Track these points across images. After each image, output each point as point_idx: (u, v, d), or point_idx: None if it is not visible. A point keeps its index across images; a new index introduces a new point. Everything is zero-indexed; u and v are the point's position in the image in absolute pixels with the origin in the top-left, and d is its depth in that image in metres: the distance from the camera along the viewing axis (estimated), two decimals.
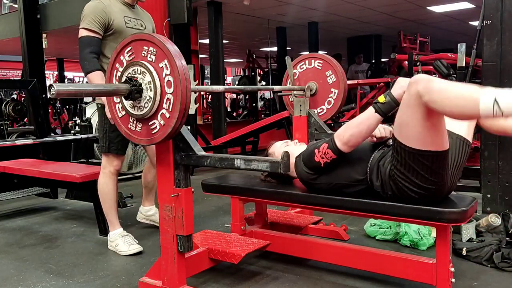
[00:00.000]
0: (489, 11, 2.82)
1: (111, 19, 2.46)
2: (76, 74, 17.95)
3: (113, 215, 2.70)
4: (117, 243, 2.64)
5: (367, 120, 1.81)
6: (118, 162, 2.68)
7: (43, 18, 7.25)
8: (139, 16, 2.68)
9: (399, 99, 1.73)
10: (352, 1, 7.23)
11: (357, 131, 1.82)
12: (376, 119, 1.79)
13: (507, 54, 2.77)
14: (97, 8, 2.44)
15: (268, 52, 10.66)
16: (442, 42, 10.89)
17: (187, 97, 1.68)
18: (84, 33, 2.43)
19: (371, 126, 1.81)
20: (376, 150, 1.95)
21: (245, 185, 2.33)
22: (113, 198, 2.70)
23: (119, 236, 2.66)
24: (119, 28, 2.49)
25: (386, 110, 1.77)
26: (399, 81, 1.78)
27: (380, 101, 1.78)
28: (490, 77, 2.84)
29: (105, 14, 2.45)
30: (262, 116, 9.78)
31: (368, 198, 1.89)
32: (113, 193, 2.69)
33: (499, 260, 2.24)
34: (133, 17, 2.61)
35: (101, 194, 2.71)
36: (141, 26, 2.65)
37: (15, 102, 6.51)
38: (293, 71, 2.89)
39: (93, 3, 2.48)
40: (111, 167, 2.66)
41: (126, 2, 2.57)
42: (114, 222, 2.71)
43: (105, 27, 2.46)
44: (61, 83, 2.18)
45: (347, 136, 1.84)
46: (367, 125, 1.81)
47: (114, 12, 2.49)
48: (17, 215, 3.67)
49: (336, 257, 2.18)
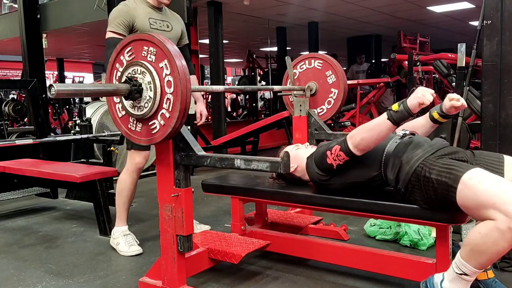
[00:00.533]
0: (489, 11, 2.81)
1: (135, 21, 2.52)
2: (76, 74, 17.96)
3: (122, 211, 2.71)
4: (118, 242, 2.65)
5: (378, 126, 1.80)
6: (140, 159, 2.65)
7: (43, 18, 7.26)
8: (167, 17, 2.71)
9: (413, 110, 1.72)
10: (352, 1, 7.23)
11: (368, 136, 1.81)
12: (388, 126, 1.78)
13: (507, 54, 2.77)
14: (121, 11, 2.52)
15: (268, 52, 10.66)
16: (442, 42, 10.90)
17: (187, 97, 1.68)
18: (110, 35, 2.51)
19: (382, 132, 1.80)
20: (389, 143, 1.90)
21: (245, 185, 2.33)
22: (127, 195, 2.69)
23: (121, 234, 2.67)
24: (143, 30, 2.53)
25: (398, 119, 1.75)
26: (418, 91, 1.75)
27: (394, 109, 1.76)
28: (490, 77, 2.83)
29: (129, 16, 2.51)
30: (262, 116, 9.78)
31: (368, 198, 1.89)
32: (129, 191, 2.68)
33: (499, 260, 2.24)
34: (159, 19, 2.64)
35: (117, 189, 2.72)
36: (167, 27, 2.67)
37: (15, 102, 6.50)
38: (293, 71, 2.89)
39: (119, 7, 2.56)
40: (133, 165, 2.66)
41: (151, 5, 2.62)
42: (122, 218, 2.71)
43: (129, 29, 2.52)
44: (61, 83, 2.18)
45: (358, 139, 1.83)
46: (378, 131, 1.80)
47: (139, 14, 2.54)
48: (17, 215, 3.67)
49: (336, 257, 2.18)
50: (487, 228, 1.56)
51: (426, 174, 1.72)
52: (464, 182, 1.62)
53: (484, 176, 1.63)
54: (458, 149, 1.89)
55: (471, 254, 1.60)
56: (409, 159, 1.80)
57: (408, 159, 1.80)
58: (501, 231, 1.52)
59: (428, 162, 1.75)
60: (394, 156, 1.85)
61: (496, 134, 2.83)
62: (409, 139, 1.91)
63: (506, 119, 2.82)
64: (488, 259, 1.59)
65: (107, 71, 1.92)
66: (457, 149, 1.88)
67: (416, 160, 1.77)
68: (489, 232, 1.55)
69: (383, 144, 1.89)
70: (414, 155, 1.80)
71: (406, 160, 1.81)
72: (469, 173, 1.64)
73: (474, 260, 1.60)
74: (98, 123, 4.88)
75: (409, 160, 1.79)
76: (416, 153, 1.80)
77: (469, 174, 1.63)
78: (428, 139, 1.93)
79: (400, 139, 1.92)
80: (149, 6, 2.60)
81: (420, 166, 1.75)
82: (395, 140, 1.91)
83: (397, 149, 1.87)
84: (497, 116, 2.84)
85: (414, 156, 1.79)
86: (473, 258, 1.60)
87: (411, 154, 1.81)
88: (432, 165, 1.72)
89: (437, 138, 1.99)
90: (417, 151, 1.81)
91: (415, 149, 1.82)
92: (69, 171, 3.05)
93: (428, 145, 1.85)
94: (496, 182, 1.60)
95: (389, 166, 1.85)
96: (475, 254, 1.59)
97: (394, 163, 1.84)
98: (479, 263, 1.59)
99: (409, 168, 1.78)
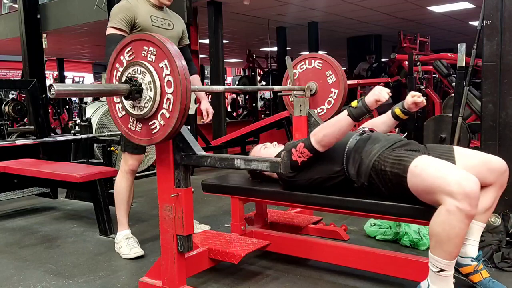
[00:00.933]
0: (489, 11, 2.82)
1: (137, 18, 2.51)
2: (76, 74, 17.95)
3: (122, 214, 2.69)
4: (120, 246, 2.64)
5: (339, 122, 1.90)
6: (133, 162, 2.65)
7: (43, 18, 7.26)
8: (168, 16, 2.71)
9: (370, 106, 1.83)
10: (352, 1, 7.23)
11: (330, 132, 1.90)
12: (348, 122, 1.87)
13: (507, 54, 2.77)
14: (123, 7, 2.50)
15: (268, 52, 10.66)
16: (442, 42, 10.91)
17: (187, 97, 1.68)
18: (111, 31, 2.48)
19: (342, 128, 1.89)
20: (350, 139, 1.99)
21: (245, 185, 2.33)
22: (123, 197, 2.68)
23: (123, 238, 2.66)
24: (145, 27, 2.52)
25: (357, 115, 1.85)
26: (375, 89, 1.86)
27: (353, 106, 1.86)
28: (490, 77, 2.84)
29: (131, 13, 2.50)
30: (262, 116, 9.79)
31: (367, 198, 1.90)
32: (125, 192, 2.67)
33: (499, 260, 2.25)
34: (161, 17, 2.64)
35: (114, 192, 2.72)
36: (168, 25, 2.67)
37: (15, 102, 6.50)
38: (293, 71, 2.89)
39: (120, 3, 2.55)
40: (126, 166, 2.66)
41: (153, 4, 2.62)
42: (122, 222, 2.69)
43: (131, 25, 2.51)
44: (61, 83, 2.17)
45: (320, 136, 1.91)
46: (339, 127, 1.89)
47: (141, 11, 2.54)
48: (17, 215, 3.67)
49: (336, 257, 2.18)
50: (440, 215, 1.61)
51: (382, 168, 1.82)
52: (411, 171, 1.72)
53: (428, 162, 1.71)
54: (411, 141, 1.99)
55: (437, 246, 1.64)
56: (368, 153, 1.89)
57: (367, 153, 1.89)
58: (451, 212, 1.57)
59: (383, 155, 1.84)
60: (354, 152, 1.94)
61: (496, 134, 2.83)
62: (367, 135, 2.01)
63: (506, 119, 2.82)
64: (454, 245, 1.62)
65: (107, 71, 1.92)
66: (410, 141, 1.97)
67: (374, 154, 1.87)
68: (442, 217, 1.60)
69: (345, 141, 1.98)
70: (372, 149, 1.90)
71: (365, 155, 1.90)
72: (415, 161, 1.73)
73: (441, 251, 1.63)
74: (98, 123, 4.88)
75: (368, 155, 1.89)
76: (374, 148, 1.90)
77: (415, 162, 1.72)
78: (385, 135, 2.03)
79: (360, 136, 2.01)
80: (151, 5, 2.60)
81: (377, 160, 1.84)
82: (355, 137, 2.00)
83: (357, 145, 1.96)
84: (497, 116, 2.84)
85: (372, 150, 1.89)
86: (440, 249, 1.64)
87: (369, 149, 1.91)
88: (386, 158, 1.83)
89: (394, 133, 2.07)
90: (374, 145, 1.91)
91: (373, 144, 1.92)
92: (69, 171, 3.05)
93: (385, 139, 1.94)
94: (439, 166, 1.67)
95: (351, 162, 1.94)
96: (440, 244, 1.63)
97: (355, 158, 1.93)
98: (448, 253, 1.62)
99: (368, 161, 1.87)
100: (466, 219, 1.57)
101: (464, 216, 1.56)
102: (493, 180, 1.88)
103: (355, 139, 1.99)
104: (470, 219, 1.59)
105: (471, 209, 1.56)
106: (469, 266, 1.93)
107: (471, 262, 1.93)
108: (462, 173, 1.62)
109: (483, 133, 2.94)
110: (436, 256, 1.65)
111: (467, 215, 1.57)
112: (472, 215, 1.58)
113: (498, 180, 1.88)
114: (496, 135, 2.83)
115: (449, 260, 1.63)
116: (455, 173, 1.61)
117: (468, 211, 1.56)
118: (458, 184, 1.56)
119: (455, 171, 1.63)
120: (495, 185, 1.89)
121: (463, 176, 1.59)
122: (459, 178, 1.58)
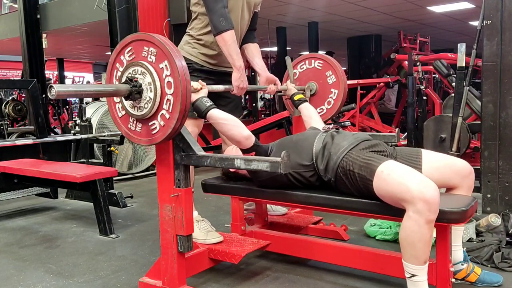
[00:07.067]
0: (489, 11, 2.82)
1: None
2: (76, 74, 17.93)
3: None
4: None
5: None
6: (192, 129, 2.46)
7: (43, 18, 7.25)
8: None
9: (193, 100, 1.96)
10: (352, 1, 7.23)
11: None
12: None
13: (507, 54, 2.78)
14: None
15: (268, 52, 10.66)
16: (442, 42, 10.91)
17: (187, 98, 1.68)
18: None
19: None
20: (317, 136, 2.01)
21: (245, 185, 2.33)
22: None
23: (194, 221, 2.15)
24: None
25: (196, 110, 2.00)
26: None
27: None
28: (490, 77, 2.84)
29: None
30: (262, 116, 9.77)
31: (368, 198, 1.89)
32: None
33: (499, 260, 2.25)
34: None
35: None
36: None
37: (15, 102, 6.50)
38: (293, 71, 2.89)
39: None
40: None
41: None
42: None
43: None
44: (61, 84, 2.18)
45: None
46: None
47: None
48: (17, 215, 3.67)
49: (336, 257, 2.18)
50: (404, 222, 1.65)
51: (350, 168, 1.85)
52: (377, 175, 1.74)
53: (394, 168, 1.73)
54: (379, 142, 2.01)
55: (406, 252, 1.67)
56: (337, 150, 1.92)
57: (336, 150, 1.92)
58: (413, 219, 1.61)
59: (351, 155, 1.87)
60: (323, 148, 1.96)
61: (496, 134, 2.84)
62: (335, 131, 2.04)
63: (506, 119, 2.82)
64: (419, 250, 1.64)
65: (107, 70, 1.92)
66: (378, 142, 2.00)
67: (342, 151, 1.90)
68: (405, 223, 1.65)
69: (312, 138, 2.01)
70: (340, 146, 1.93)
71: (334, 151, 1.93)
72: (381, 166, 1.75)
73: (409, 256, 1.66)
74: (98, 123, 4.88)
75: (337, 151, 1.91)
76: (342, 145, 1.93)
77: (381, 167, 1.74)
78: (353, 133, 2.08)
79: (325, 132, 2.04)
80: None
81: (345, 159, 1.87)
82: (321, 134, 2.03)
83: (325, 141, 1.98)
84: (497, 116, 2.85)
85: (341, 147, 1.92)
86: (410, 255, 1.66)
87: (338, 145, 1.94)
88: (354, 159, 1.85)
89: (360, 132, 2.09)
90: (343, 142, 1.94)
91: (342, 141, 1.95)
92: (69, 171, 3.05)
93: (353, 137, 1.97)
94: (403, 172, 1.70)
95: (319, 157, 1.96)
96: (408, 250, 1.66)
97: (324, 154, 1.95)
98: (416, 258, 1.65)
99: (336, 158, 1.90)
100: (426, 224, 1.61)
101: (424, 221, 1.60)
102: (459, 183, 1.92)
103: (322, 136, 2.02)
104: (431, 224, 1.63)
105: (430, 214, 1.60)
106: (463, 270, 1.99)
107: (462, 266, 1.99)
108: (423, 179, 1.66)
109: (483, 133, 2.94)
110: (405, 261, 1.69)
111: (427, 220, 1.60)
112: (432, 220, 1.62)
113: (464, 183, 1.92)
114: (496, 135, 2.83)
115: (418, 265, 1.66)
116: (416, 180, 1.65)
117: (428, 216, 1.60)
118: (419, 191, 1.61)
119: (416, 178, 1.66)
120: (462, 188, 1.93)
121: (424, 183, 1.63)
122: (420, 185, 1.62)
